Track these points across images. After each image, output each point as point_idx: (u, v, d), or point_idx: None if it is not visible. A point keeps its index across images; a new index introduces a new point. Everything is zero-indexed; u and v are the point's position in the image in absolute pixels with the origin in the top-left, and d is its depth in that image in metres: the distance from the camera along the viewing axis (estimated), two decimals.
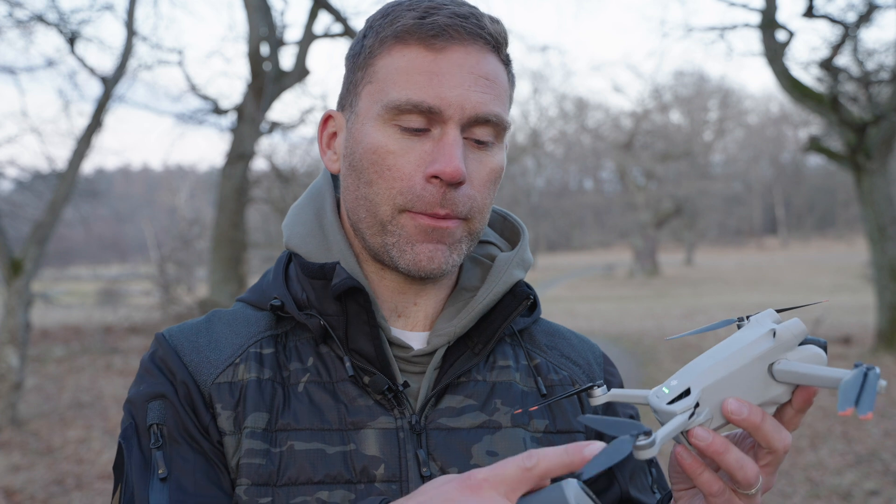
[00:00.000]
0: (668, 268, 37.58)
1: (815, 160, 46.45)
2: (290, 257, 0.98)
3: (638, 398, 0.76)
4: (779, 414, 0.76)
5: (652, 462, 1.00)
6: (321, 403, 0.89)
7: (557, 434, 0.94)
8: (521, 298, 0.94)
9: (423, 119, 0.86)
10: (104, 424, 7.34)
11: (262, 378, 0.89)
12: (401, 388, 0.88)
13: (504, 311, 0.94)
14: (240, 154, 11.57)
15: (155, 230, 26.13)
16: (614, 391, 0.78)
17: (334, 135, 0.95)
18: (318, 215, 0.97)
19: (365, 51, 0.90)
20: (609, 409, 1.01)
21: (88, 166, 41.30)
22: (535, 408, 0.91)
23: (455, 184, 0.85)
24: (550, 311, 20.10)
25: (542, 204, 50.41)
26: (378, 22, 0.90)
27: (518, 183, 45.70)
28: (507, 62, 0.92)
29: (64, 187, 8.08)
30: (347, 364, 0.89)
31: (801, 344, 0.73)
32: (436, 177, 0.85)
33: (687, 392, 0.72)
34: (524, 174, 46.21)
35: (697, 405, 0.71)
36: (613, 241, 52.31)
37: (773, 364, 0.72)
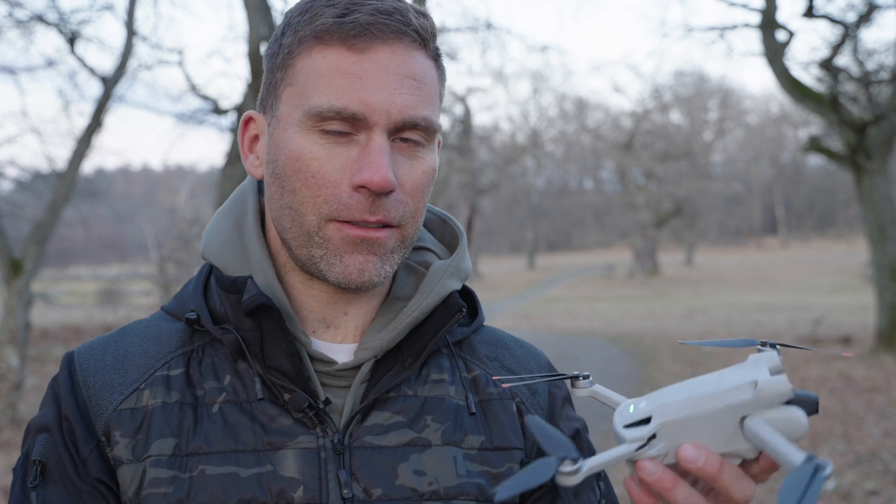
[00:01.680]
0: (668, 268, 37.59)
1: (815, 160, 46.48)
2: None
3: (613, 404, 0.72)
4: (745, 466, 0.69)
5: (599, 475, 0.94)
6: (237, 424, 0.84)
7: (493, 451, 0.90)
8: (454, 311, 0.89)
9: (347, 125, 0.81)
10: None
11: (169, 402, 0.85)
12: (321, 406, 0.84)
13: (436, 323, 0.89)
14: (240, 154, 11.56)
15: (155, 230, 26.11)
16: (598, 388, 0.75)
17: (256, 138, 0.91)
18: (238, 223, 0.92)
19: (283, 50, 0.85)
20: (551, 421, 0.95)
21: (88, 166, 41.29)
22: (508, 385, 0.88)
23: (384, 193, 0.81)
24: (550, 310, 20.10)
25: (542, 204, 50.38)
26: (296, 19, 0.84)
27: (518, 183, 45.70)
28: (435, 56, 0.87)
29: (64, 187, 8.08)
30: (257, 386, 0.84)
31: (789, 401, 0.66)
32: (363, 186, 0.80)
33: (647, 420, 0.67)
34: (524, 174, 46.21)
35: (654, 437, 0.66)
36: (613, 241, 52.30)
37: (745, 417, 0.66)
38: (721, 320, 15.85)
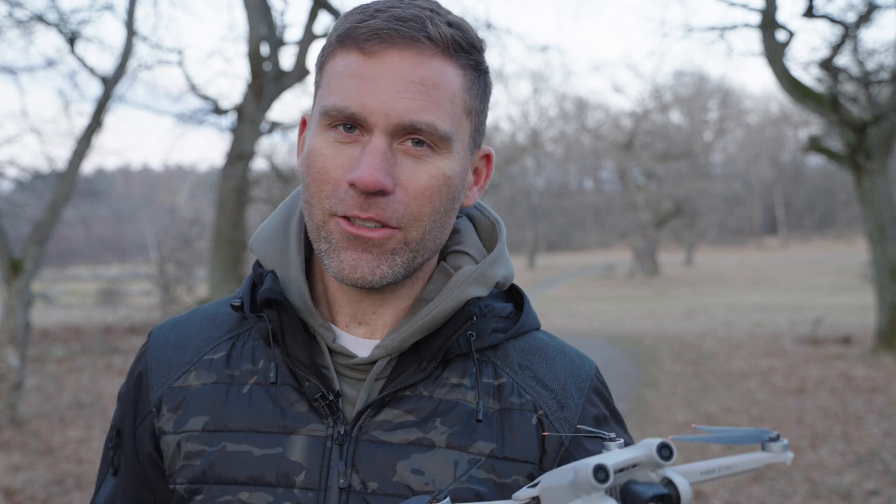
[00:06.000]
0: (668, 268, 37.57)
1: (815, 160, 46.44)
2: None
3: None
4: None
5: None
6: (260, 406, 0.90)
7: (503, 460, 0.89)
8: (468, 318, 0.90)
9: (352, 125, 0.84)
10: (104, 424, 7.34)
11: (208, 383, 0.93)
12: (331, 397, 0.88)
13: (450, 328, 0.90)
14: (240, 154, 11.58)
15: (155, 230, 26.09)
16: (615, 451, 0.69)
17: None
18: (286, 219, 0.98)
19: (321, 55, 0.90)
20: (578, 439, 0.92)
21: (88, 166, 41.25)
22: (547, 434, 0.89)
23: (375, 193, 0.82)
24: (550, 310, 20.09)
25: (542, 204, 50.34)
26: (334, 25, 0.90)
27: (518, 183, 45.68)
28: (471, 67, 0.88)
29: (64, 187, 8.07)
30: (272, 373, 0.91)
31: (626, 495, 0.65)
32: (353, 184, 0.83)
33: (535, 484, 0.70)
34: (524, 174, 46.18)
35: (538, 500, 0.69)
36: (613, 241, 52.28)
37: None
38: (721, 320, 15.84)
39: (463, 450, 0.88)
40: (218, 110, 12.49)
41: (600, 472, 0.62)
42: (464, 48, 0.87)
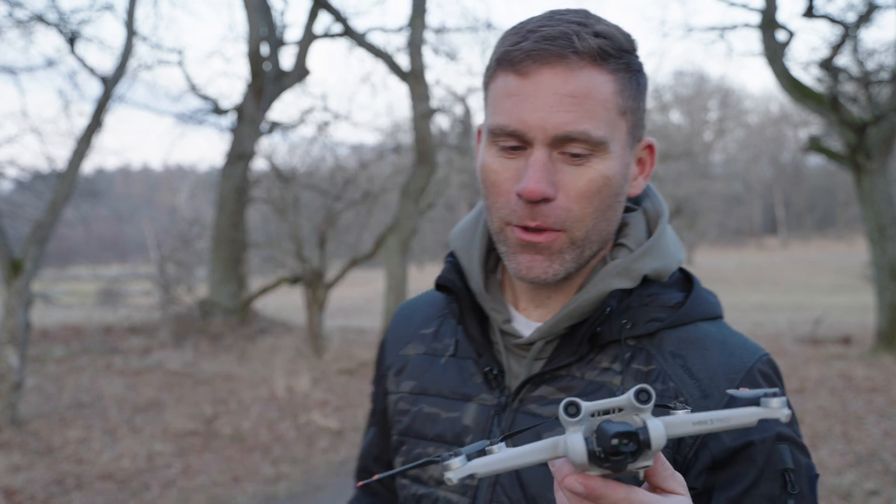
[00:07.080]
0: None
1: (815, 160, 46.42)
2: None
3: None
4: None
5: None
6: (450, 375, 1.09)
7: None
8: (605, 308, 0.97)
9: (515, 140, 0.93)
10: (104, 424, 7.34)
11: (419, 353, 1.15)
12: (495, 372, 1.03)
13: (594, 317, 0.98)
14: (240, 154, 11.57)
15: (155, 230, 26.06)
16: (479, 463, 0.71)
17: None
18: (477, 216, 1.12)
19: (485, 76, 0.99)
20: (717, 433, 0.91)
21: (88, 166, 41.26)
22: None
23: (538, 201, 0.91)
24: None
25: None
26: (496, 45, 0.98)
27: None
28: (621, 70, 0.93)
29: (64, 187, 8.07)
30: (452, 347, 1.10)
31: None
32: (520, 195, 0.92)
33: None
34: None
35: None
36: None
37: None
38: None
39: None
40: (218, 110, 12.50)
41: (570, 408, 0.68)
42: (612, 54, 0.93)
